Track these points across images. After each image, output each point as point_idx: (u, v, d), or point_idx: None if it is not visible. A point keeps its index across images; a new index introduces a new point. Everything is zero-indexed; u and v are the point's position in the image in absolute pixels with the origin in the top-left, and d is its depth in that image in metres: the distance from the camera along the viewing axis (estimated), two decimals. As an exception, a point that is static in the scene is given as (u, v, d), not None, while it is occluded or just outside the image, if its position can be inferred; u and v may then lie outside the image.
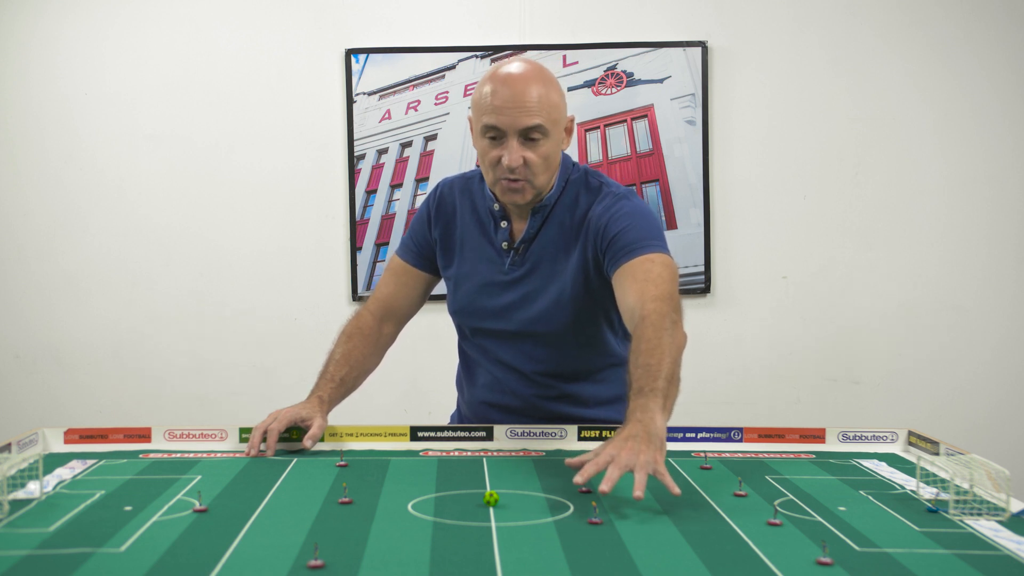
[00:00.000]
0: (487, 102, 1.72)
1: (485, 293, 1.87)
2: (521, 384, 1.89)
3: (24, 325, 3.53)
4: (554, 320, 1.82)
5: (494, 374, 1.91)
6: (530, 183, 1.76)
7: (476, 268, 1.88)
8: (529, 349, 1.86)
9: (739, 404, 3.49)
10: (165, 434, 1.81)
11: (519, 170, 1.73)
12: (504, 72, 1.73)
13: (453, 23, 3.49)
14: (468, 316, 1.91)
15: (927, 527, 1.30)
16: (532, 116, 1.70)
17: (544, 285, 1.83)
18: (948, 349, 3.50)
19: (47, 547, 1.19)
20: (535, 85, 1.71)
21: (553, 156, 1.77)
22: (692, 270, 3.48)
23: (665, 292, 1.67)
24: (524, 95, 1.70)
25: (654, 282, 1.68)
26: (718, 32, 3.46)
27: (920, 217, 3.49)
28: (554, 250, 1.83)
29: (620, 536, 1.23)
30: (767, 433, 1.83)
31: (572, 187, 1.85)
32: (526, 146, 1.72)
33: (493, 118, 1.71)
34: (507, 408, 1.91)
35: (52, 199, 3.51)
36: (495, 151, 1.74)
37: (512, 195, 1.78)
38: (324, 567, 1.10)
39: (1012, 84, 3.45)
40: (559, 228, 1.83)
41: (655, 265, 1.70)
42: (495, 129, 1.72)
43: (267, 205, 3.52)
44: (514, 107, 1.70)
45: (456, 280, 1.91)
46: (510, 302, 1.85)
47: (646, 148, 3.47)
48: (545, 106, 1.71)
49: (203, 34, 3.50)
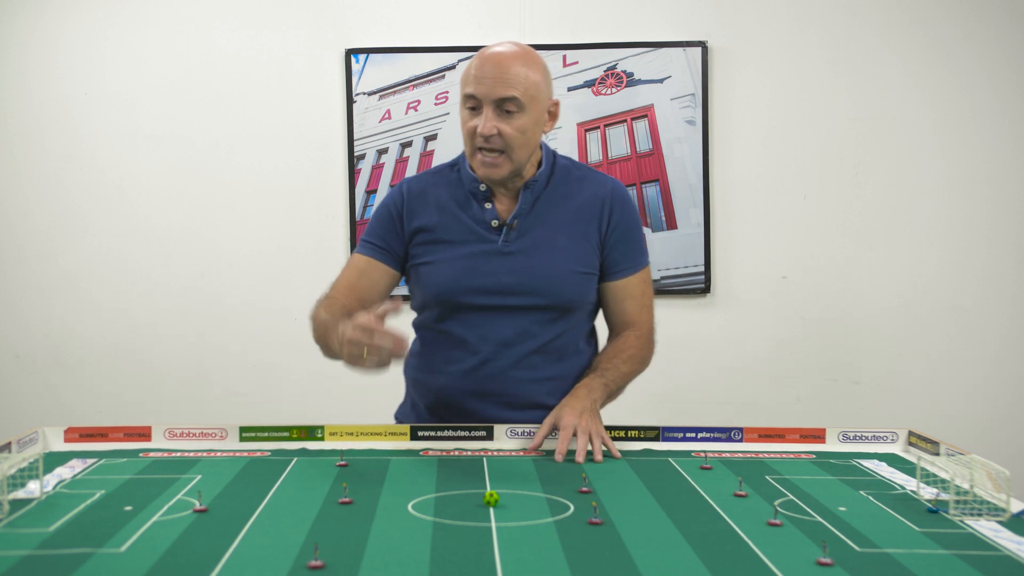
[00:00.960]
0: (470, 73, 1.80)
1: (476, 268, 1.85)
2: (507, 364, 1.86)
3: (24, 325, 3.53)
4: (556, 292, 1.85)
5: (476, 356, 1.87)
6: (507, 156, 1.80)
7: (463, 247, 1.87)
8: (523, 323, 1.85)
9: (739, 404, 3.49)
10: (165, 433, 1.81)
11: (494, 139, 1.78)
12: (491, 50, 1.82)
13: (453, 23, 3.49)
14: (457, 292, 1.86)
15: (927, 527, 1.30)
16: (508, 88, 1.76)
17: (546, 259, 1.85)
18: (948, 349, 3.50)
19: (47, 547, 1.19)
20: (517, 62, 1.79)
21: (531, 132, 1.81)
22: (692, 270, 3.48)
23: (653, 318, 1.99)
24: (504, 68, 1.77)
25: (648, 308, 1.98)
26: (718, 32, 3.46)
27: (920, 217, 3.49)
28: (555, 226, 1.87)
29: (620, 536, 1.23)
30: (767, 433, 1.83)
31: (562, 170, 1.92)
32: (501, 118, 1.78)
33: (472, 87, 1.79)
34: (485, 394, 1.87)
35: (52, 199, 3.51)
36: (473, 121, 1.81)
37: (488, 169, 1.82)
38: (324, 567, 1.10)
39: (1012, 84, 3.45)
40: (559, 206, 1.89)
41: (648, 287, 1.98)
42: (473, 98, 1.79)
43: (267, 205, 3.52)
44: (492, 78, 1.77)
45: (439, 263, 1.87)
46: (507, 274, 1.85)
47: (646, 148, 3.47)
48: (523, 81, 1.78)
49: (203, 34, 3.50)
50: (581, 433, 1.71)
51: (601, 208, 1.90)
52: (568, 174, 1.93)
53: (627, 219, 1.92)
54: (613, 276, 1.92)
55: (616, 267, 1.92)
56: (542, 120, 1.84)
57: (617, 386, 1.89)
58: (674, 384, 3.50)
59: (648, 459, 1.70)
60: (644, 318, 1.96)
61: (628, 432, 1.83)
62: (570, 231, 1.88)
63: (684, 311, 3.51)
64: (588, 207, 1.90)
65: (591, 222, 1.89)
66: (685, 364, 3.51)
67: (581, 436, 1.70)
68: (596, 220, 1.89)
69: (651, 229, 3.46)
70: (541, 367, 1.88)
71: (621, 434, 1.82)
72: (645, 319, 1.96)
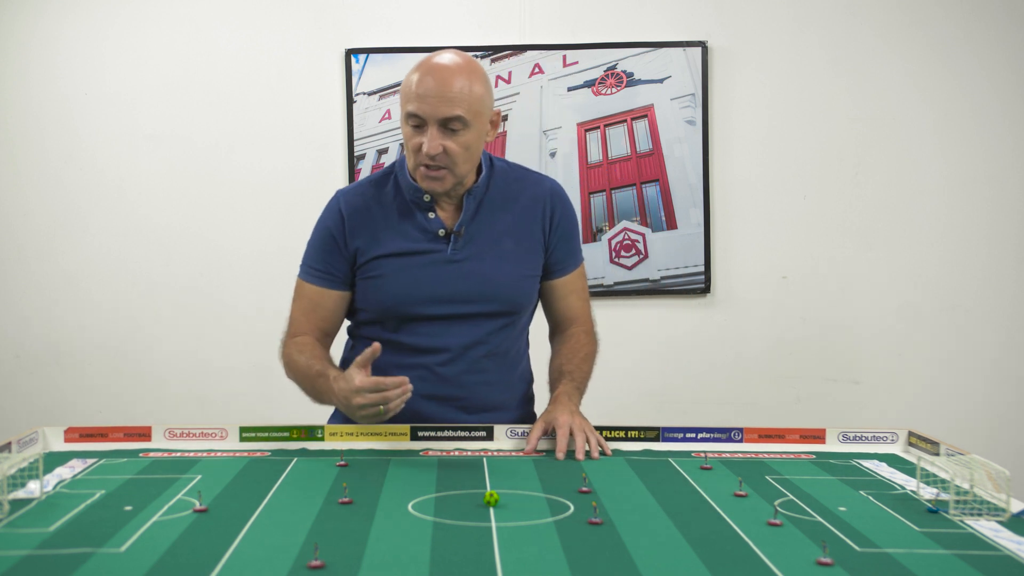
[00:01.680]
0: (411, 90, 1.76)
1: (427, 279, 1.85)
2: (461, 369, 1.87)
3: (24, 325, 3.53)
4: (506, 297, 1.88)
5: (429, 364, 1.87)
6: (450, 171, 1.79)
7: (412, 258, 1.86)
8: (475, 329, 1.87)
9: (739, 404, 3.49)
10: (165, 433, 1.81)
11: (439, 158, 1.77)
12: (431, 62, 1.78)
13: (453, 23, 3.49)
14: (410, 304, 1.85)
15: (927, 527, 1.30)
16: (453, 107, 1.74)
17: (495, 265, 1.87)
18: (948, 349, 3.50)
19: (47, 547, 1.19)
20: (459, 77, 1.75)
21: (474, 147, 1.81)
22: (692, 270, 3.48)
23: (590, 310, 2.04)
24: (447, 85, 1.74)
25: (587, 301, 2.03)
26: (718, 32, 3.46)
27: (920, 217, 3.49)
28: (501, 229, 1.89)
29: (620, 536, 1.23)
30: (767, 433, 1.83)
31: (500, 173, 1.93)
32: (446, 135, 1.76)
33: (415, 106, 1.75)
34: (439, 398, 1.87)
35: (52, 199, 3.51)
36: (417, 138, 1.78)
37: (431, 182, 1.81)
38: (324, 567, 1.10)
39: (1012, 84, 3.45)
40: (502, 209, 1.89)
41: (586, 281, 2.03)
42: (416, 117, 1.76)
43: (267, 205, 3.52)
44: (436, 96, 1.74)
45: (388, 276, 1.86)
46: (458, 282, 1.85)
47: (646, 148, 3.47)
48: (467, 97, 1.75)
49: (203, 34, 3.49)
50: (578, 432, 1.73)
51: (543, 208, 1.92)
52: (507, 176, 1.93)
53: (568, 217, 1.96)
54: (558, 274, 1.96)
55: (560, 265, 1.96)
56: (485, 131, 1.83)
57: (585, 387, 1.94)
58: (674, 384, 3.50)
59: (648, 459, 1.70)
60: (587, 312, 2.02)
61: (628, 432, 1.83)
62: (515, 234, 1.90)
63: (684, 311, 3.51)
64: (530, 208, 1.91)
65: (534, 223, 1.91)
66: (685, 364, 3.51)
67: (578, 435, 1.73)
68: (539, 220, 1.92)
69: (651, 229, 3.46)
70: (491, 370, 1.91)
71: (621, 434, 1.82)
72: (587, 313, 2.02)
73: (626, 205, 3.47)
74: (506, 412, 1.94)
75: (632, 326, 3.50)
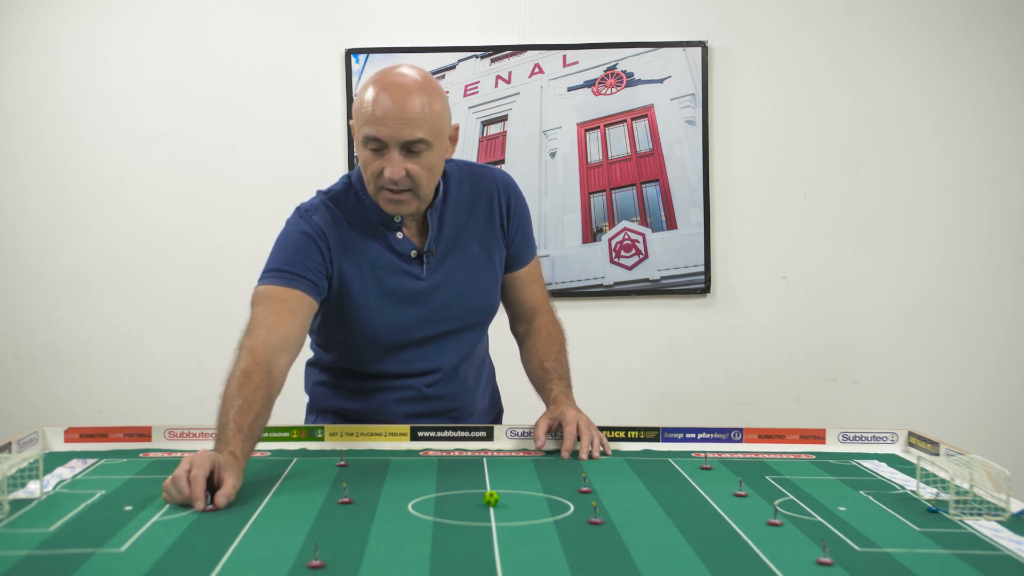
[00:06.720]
0: (368, 111, 1.65)
1: (409, 305, 1.80)
2: (446, 386, 1.88)
3: (24, 325, 3.53)
4: (483, 307, 1.89)
5: (415, 386, 1.85)
6: (414, 194, 1.71)
7: (389, 284, 1.79)
8: (456, 344, 1.88)
9: (739, 404, 3.49)
10: (165, 433, 1.81)
11: (402, 181, 1.68)
12: (385, 80, 1.67)
13: (453, 23, 3.49)
14: (393, 334, 1.80)
15: (927, 527, 1.30)
16: (415, 129, 1.64)
17: (470, 277, 1.85)
18: (948, 349, 3.50)
19: (47, 547, 1.19)
20: (418, 95, 1.65)
21: (437, 166, 1.73)
22: (692, 270, 3.47)
23: (548, 295, 2.04)
24: (406, 106, 1.64)
25: (544, 287, 2.02)
26: (718, 32, 3.46)
27: (920, 217, 3.49)
28: (466, 236, 1.85)
29: (620, 536, 1.23)
30: (767, 433, 1.83)
31: (454, 179, 1.86)
32: (408, 158, 1.67)
33: (374, 129, 1.65)
34: (427, 414, 1.87)
35: (52, 199, 3.51)
36: (377, 162, 1.68)
37: (395, 206, 1.73)
38: (324, 567, 1.10)
39: (1012, 84, 3.45)
40: (462, 211, 1.85)
41: (540, 268, 2.02)
42: (376, 141, 1.66)
43: (267, 205, 3.51)
44: (395, 119, 1.64)
45: (368, 308, 1.78)
46: (438, 303, 1.82)
47: (646, 148, 3.47)
48: (428, 117, 1.66)
49: (203, 34, 3.49)
50: (584, 430, 1.73)
51: (498, 201, 1.88)
52: (459, 177, 1.87)
53: (521, 206, 1.93)
54: (517, 265, 1.94)
55: (519, 256, 1.94)
56: (445, 148, 1.75)
57: (570, 380, 1.92)
58: (674, 384, 3.50)
59: (648, 459, 1.70)
60: (546, 299, 2.02)
61: (628, 432, 1.83)
62: (478, 235, 1.86)
63: (684, 311, 3.51)
64: (487, 204, 1.87)
65: (492, 218, 1.88)
66: (685, 364, 3.51)
67: (584, 433, 1.73)
68: (497, 214, 1.88)
69: (651, 229, 3.46)
70: (471, 377, 1.94)
71: (621, 434, 1.82)
72: (547, 300, 2.02)
73: (626, 205, 3.47)
74: (484, 413, 2.00)
75: (632, 326, 3.51)
